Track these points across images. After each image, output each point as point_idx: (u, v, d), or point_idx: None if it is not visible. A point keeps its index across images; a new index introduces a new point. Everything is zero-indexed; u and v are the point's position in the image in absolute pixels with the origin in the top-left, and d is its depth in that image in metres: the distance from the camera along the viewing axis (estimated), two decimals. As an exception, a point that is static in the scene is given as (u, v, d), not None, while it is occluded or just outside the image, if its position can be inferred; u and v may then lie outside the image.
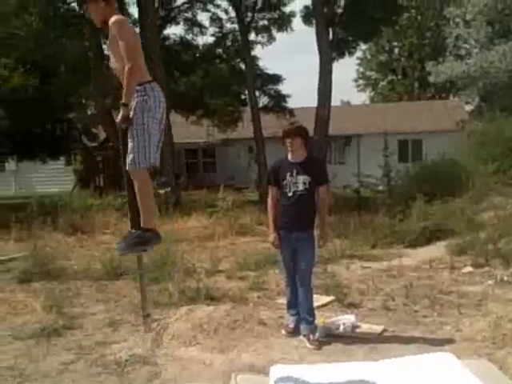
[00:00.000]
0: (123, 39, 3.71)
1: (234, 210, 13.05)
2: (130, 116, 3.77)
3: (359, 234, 10.35)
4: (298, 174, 5.29)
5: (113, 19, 3.74)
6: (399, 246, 9.81)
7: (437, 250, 9.31)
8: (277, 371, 4.31)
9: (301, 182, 5.27)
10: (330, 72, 18.28)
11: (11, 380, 4.60)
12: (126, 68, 3.70)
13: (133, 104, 3.78)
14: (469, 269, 8.02)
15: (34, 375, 4.70)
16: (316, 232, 5.45)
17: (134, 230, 3.96)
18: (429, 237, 9.88)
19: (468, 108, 28.59)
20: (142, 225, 3.92)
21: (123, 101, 3.72)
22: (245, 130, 23.92)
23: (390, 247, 9.83)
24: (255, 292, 7.24)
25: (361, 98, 70.09)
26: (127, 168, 3.85)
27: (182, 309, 6.06)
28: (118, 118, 3.78)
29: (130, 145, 3.82)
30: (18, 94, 15.60)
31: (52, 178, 25.64)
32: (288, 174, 5.31)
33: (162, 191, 15.13)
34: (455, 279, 7.65)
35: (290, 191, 5.31)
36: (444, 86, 33.11)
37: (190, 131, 25.50)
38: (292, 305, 5.54)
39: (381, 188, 15.42)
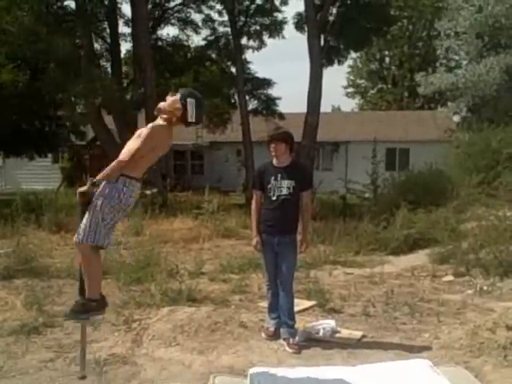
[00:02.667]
0: (142, 140, 4.00)
1: (220, 212, 13.08)
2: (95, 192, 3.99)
3: (343, 241, 10.41)
4: (282, 178, 5.34)
5: (151, 125, 4.12)
6: (382, 254, 9.89)
7: (419, 258, 9.40)
8: (255, 373, 4.33)
9: (285, 186, 5.32)
10: (320, 78, 18.39)
11: (-12, 376, 4.59)
12: (119, 157, 3.99)
13: (101, 186, 3.98)
14: (450, 277, 8.10)
15: (12, 372, 4.68)
16: (298, 237, 5.50)
17: (80, 298, 4.15)
18: (412, 245, 9.98)
19: (456, 119, 28.82)
20: (86, 294, 4.09)
21: (94, 179, 3.97)
22: (234, 133, 23.96)
23: (374, 254, 9.90)
24: (237, 295, 7.26)
25: (350, 104, 70.39)
26: (74, 239, 4.03)
27: (164, 310, 6.08)
28: (79, 190, 4.03)
29: (83, 219, 3.98)
30: (7, 89, 15.51)
31: (38, 175, 25.50)
32: (272, 178, 5.35)
33: (148, 192, 15.18)
34: (436, 287, 7.73)
35: (273, 195, 5.35)
36: (433, 97, 33.33)
37: (179, 133, 25.37)
38: (273, 308, 5.57)
39: (367, 195, 15.54)
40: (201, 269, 8.54)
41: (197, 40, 45.67)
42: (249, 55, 22.26)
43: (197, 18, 21.86)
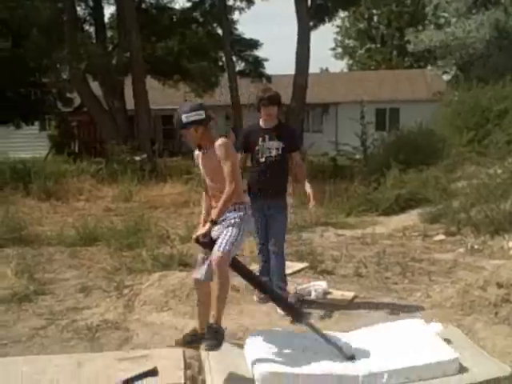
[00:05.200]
0: (229, 160, 3.97)
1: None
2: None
3: (334, 202, 10.39)
4: (270, 139, 5.23)
5: (220, 141, 3.97)
6: (373, 214, 9.89)
7: (410, 218, 9.41)
8: (251, 338, 4.33)
9: (273, 147, 5.21)
10: (308, 39, 18.12)
11: (-20, 345, 4.57)
12: (228, 189, 3.95)
13: (229, 216, 4.04)
14: (441, 237, 8.13)
15: (4, 340, 4.66)
16: (289, 200, 5.45)
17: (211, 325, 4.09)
18: (403, 205, 9.98)
19: (445, 77, 28.62)
20: (214, 321, 4.08)
21: (213, 218, 3.97)
22: (221, 97, 23.69)
23: (365, 215, 9.91)
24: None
25: (339, 66, 69.73)
26: (214, 257, 3.98)
27: (155, 275, 6.04)
28: (200, 232, 4.00)
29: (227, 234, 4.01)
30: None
31: (26, 144, 25.17)
32: (260, 139, 5.24)
33: (137, 158, 14.99)
34: (427, 247, 7.76)
35: (261, 157, 5.25)
36: (422, 55, 33.02)
37: (167, 97, 25.17)
38: (264, 272, 5.52)
39: (358, 157, 15.49)
40: (192, 233, 8.48)
41: (182, 1, 44.72)
42: (235, 16, 21.72)
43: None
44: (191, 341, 4.30)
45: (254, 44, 22.13)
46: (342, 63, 45.25)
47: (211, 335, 3.97)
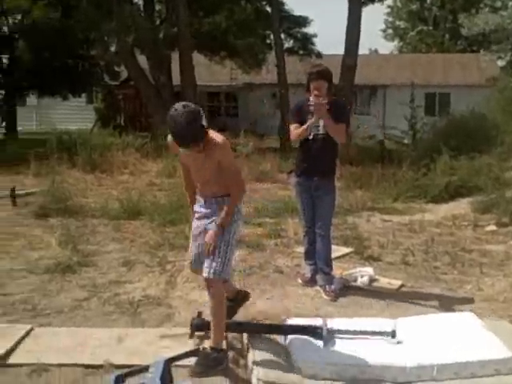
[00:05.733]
0: (232, 159, 3.81)
1: (255, 155, 12.88)
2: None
3: (381, 187, 10.14)
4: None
5: (221, 141, 3.59)
6: (421, 201, 9.59)
7: (460, 206, 9.09)
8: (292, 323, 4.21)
9: (322, 124, 5.02)
10: (359, 18, 17.62)
11: (24, 313, 4.57)
12: (235, 191, 3.74)
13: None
14: (492, 227, 7.81)
15: (47, 310, 4.66)
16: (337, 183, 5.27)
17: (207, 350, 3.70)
18: (453, 193, 9.65)
19: (500, 63, 27.71)
20: (212, 343, 3.70)
21: (221, 223, 3.69)
22: (268, 75, 23.43)
23: (412, 201, 9.62)
24: (272, 239, 7.11)
25: (388, 47, 68.23)
26: (206, 275, 3.72)
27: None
28: (210, 245, 3.71)
29: (219, 254, 3.71)
30: (39, 27, 15.23)
31: (73, 116, 25.50)
32: (309, 116, 5.04)
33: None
34: (478, 237, 7.45)
35: (310, 134, 5.04)
36: (476, 39, 32.04)
37: (213, 74, 25.09)
38: (310, 255, 5.39)
39: (406, 141, 15.13)
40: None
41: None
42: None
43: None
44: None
45: (303, 21, 21.71)
46: (392, 45, 44.16)
47: (202, 360, 3.59)
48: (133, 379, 3.21)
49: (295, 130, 5.12)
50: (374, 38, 68.52)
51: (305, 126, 5.01)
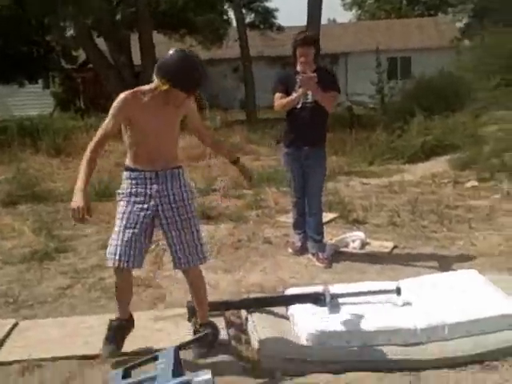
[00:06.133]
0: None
1: (223, 128, 12.61)
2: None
3: (356, 151, 10.03)
4: None
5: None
6: (398, 162, 9.53)
7: (438, 165, 9.03)
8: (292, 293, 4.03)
9: (310, 94, 4.80)
10: (321, -13, 17.32)
11: (5, 307, 4.27)
12: (214, 139, 3.89)
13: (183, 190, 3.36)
14: (473, 183, 7.77)
15: (30, 301, 4.37)
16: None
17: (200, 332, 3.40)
18: (429, 152, 9.59)
19: (458, 25, 27.83)
20: (201, 320, 3.53)
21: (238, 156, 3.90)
22: (228, 50, 23.04)
23: (389, 163, 9.54)
24: (254, 210, 6.92)
25: (346, 17, 68.10)
26: (182, 266, 3.43)
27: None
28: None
29: (197, 235, 3.44)
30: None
31: (30, 102, 24.64)
32: (297, 85, 4.76)
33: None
34: (460, 194, 7.40)
35: (298, 104, 4.82)
36: (433, 4, 32.07)
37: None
38: (299, 224, 5.20)
39: (372, 105, 15.02)
40: (211, 186, 8.16)
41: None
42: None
43: None
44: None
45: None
46: (350, 14, 43.92)
47: (201, 340, 3.31)
48: (139, 371, 2.90)
49: (280, 100, 4.87)
50: (332, 8, 68.05)
51: (292, 97, 4.76)
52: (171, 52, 3.08)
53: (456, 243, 5.41)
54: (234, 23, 21.05)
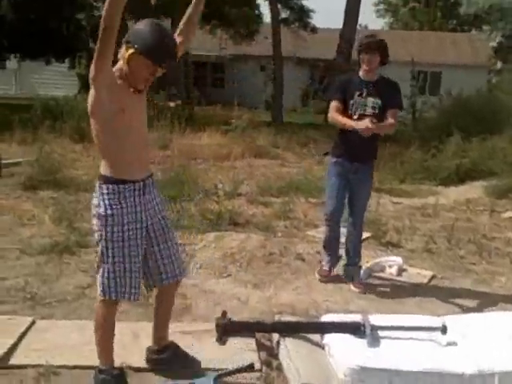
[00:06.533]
0: None
1: (249, 129, 12.33)
2: None
3: (387, 168, 9.67)
4: (368, 95, 4.44)
5: None
6: (430, 183, 9.20)
7: (472, 190, 8.70)
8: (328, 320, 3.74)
9: (370, 105, 4.45)
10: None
11: (22, 303, 4.02)
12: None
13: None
14: (510, 214, 7.43)
15: (48, 298, 4.12)
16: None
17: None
18: (463, 176, 9.24)
19: (492, 43, 27.36)
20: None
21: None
22: (257, 46, 22.75)
23: (421, 183, 9.22)
24: (281, 221, 6.63)
25: (378, 23, 67.33)
26: (170, 281, 3.10)
27: (209, 235, 5.46)
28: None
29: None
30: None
31: (54, 81, 24.46)
32: (357, 93, 4.45)
33: (171, 104, 14.25)
34: (497, 224, 7.07)
35: (355, 113, 4.47)
36: (467, 19, 31.56)
37: (200, 43, 24.29)
38: (330, 244, 4.83)
39: (400, 119, 14.66)
40: (237, 189, 7.89)
41: None
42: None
43: None
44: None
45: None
46: (382, 21, 43.23)
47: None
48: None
49: (335, 114, 4.53)
50: (364, 14, 67.56)
51: (349, 123, 4.42)
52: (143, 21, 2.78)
53: (497, 278, 5.11)
54: (266, 19, 20.80)
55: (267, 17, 21.36)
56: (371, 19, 44.18)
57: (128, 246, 2.79)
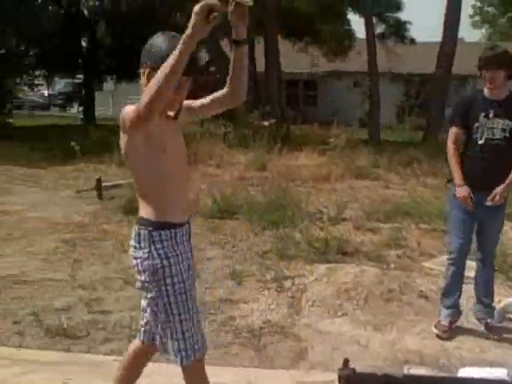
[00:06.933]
0: None
1: (347, 149, 11.86)
2: None
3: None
4: (496, 116, 3.89)
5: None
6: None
7: None
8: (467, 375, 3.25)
9: (499, 127, 3.87)
10: (460, 2, 16.23)
11: (128, 341, 3.69)
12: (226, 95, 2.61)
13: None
14: None
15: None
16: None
17: None
18: None
19: None
20: None
21: None
22: (350, 63, 22.26)
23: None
24: (393, 249, 6.12)
25: (474, 35, 64.78)
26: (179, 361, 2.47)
27: (319, 267, 5.08)
28: None
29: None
30: (121, 9, 14.60)
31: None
32: (482, 114, 3.91)
33: (266, 123, 13.91)
34: None
35: (481, 138, 3.92)
36: None
37: (292, 61, 24.13)
38: (451, 292, 4.13)
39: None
40: (341, 213, 7.44)
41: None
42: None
43: None
44: None
45: (397, 5, 20.17)
46: (479, 33, 41.39)
47: None
48: None
49: (451, 151, 4.03)
50: (461, 25, 64.93)
51: (456, 182, 3.98)
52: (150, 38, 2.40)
53: None
54: (359, 34, 20.31)
55: (358, 32, 20.98)
56: (466, 30, 42.53)
57: (190, 298, 2.41)
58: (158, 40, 2.36)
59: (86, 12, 20.92)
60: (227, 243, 6.25)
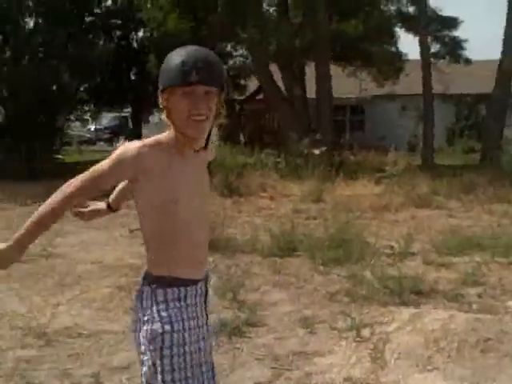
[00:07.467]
0: None
1: (404, 176, 11.35)
2: None
3: None
4: None
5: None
6: None
7: None
8: None
9: None
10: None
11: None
12: None
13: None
14: None
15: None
16: None
17: None
18: None
19: None
20: None
21: None
22: (397, 85, 21.73)
23: None
24: (471, 287, 5.60)
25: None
26: None
27: (402, 312, 4.59)
28: None
29: None
30: (170, 39, 14.43)
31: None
32: None
33: (317, 151, 13.41)
34: None
35: None
36: None
37: (339, 86, 23.79)
38: None
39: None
40: (409, 247, 6.94)
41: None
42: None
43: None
44: None
45: (452, 23, 19.46)
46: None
47: None
48: None
49: None
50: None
51: None
52: None
53: None
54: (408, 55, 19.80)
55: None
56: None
57: (192, 376, 1.89)
58: (166, 60, 1.95)
59: (135, 45, 21.10)
60: (291, 284, 5.83)
